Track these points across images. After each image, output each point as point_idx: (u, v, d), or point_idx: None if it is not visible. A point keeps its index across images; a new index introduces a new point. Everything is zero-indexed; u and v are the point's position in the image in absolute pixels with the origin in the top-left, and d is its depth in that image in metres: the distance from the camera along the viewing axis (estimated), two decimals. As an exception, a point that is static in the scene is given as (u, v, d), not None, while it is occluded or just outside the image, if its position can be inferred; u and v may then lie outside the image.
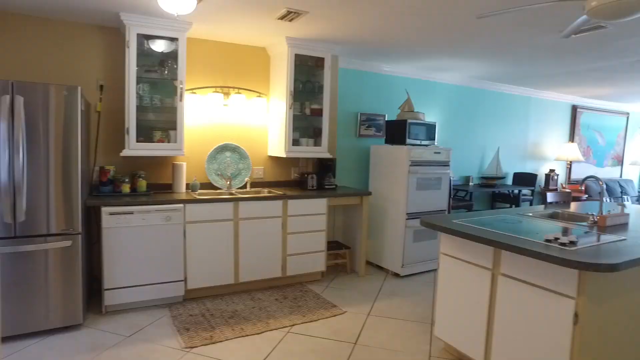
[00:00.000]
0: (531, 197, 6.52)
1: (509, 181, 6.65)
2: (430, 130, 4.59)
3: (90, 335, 2.89)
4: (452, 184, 5.42)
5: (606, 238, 2.28)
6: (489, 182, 6.06)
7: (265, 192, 4.17)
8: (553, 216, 3.15)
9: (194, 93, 4.02)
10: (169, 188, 3.96)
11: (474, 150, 6.21)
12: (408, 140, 4.40)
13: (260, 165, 4.45)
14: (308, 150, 4.25)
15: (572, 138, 7.54)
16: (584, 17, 2.42)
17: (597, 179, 2.86)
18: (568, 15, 3.03)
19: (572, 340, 1.95)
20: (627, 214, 2.81)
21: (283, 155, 4.11)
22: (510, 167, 6.67)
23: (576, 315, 1.93)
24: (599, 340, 2.03)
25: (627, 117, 8.41)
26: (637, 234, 2.43)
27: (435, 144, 4.88)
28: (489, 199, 6.39)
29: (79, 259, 2.93)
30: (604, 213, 2.73)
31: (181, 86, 3.60)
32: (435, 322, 2.77)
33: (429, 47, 4.18)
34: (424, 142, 4.52)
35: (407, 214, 4.26)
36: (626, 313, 2.17)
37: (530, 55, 4.35)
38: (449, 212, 5.03)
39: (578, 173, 7.68)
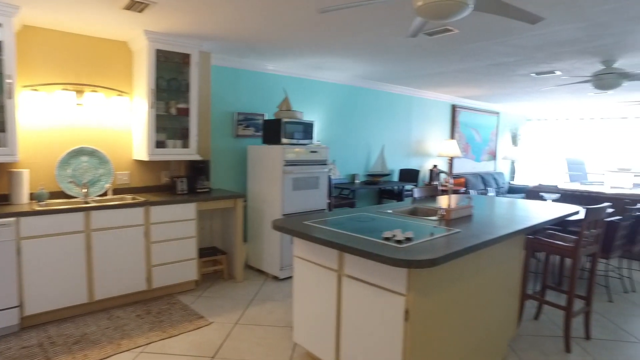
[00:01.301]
0: (415, 192, 6.86)
1: (395, 177, 6.94)
2: (307, 129, 4.55)
3: None
4: (332, 182, 5.48)
5: (444, 231, 2.37)
6: (374, 179, 6.25)
7: (129, 198, 3.81)
8: (412, 212, 3.26)
9: (36, 90, 3.52)
10: (5, 199, 3.42)
11: (360, 148, 6.36)
12: (284, 140, 4.31)
13: (125, 169, 4.06)
14: (175, 153, 3.97)
15: (452, 135, 8.10)
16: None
17: (445, 173, 3.00)
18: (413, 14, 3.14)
19: (404, 336, 1.97)
20: (471, 207, 2.99)
21: (146, 158, 3.79)
22: (395, 164, 6.96)
23: (407, 311, 1.95)
24: (429, 334, 2.08)
25: (498, 116, 9.28)
26: (476, 225, 2.57)
27: (318, 143, 4.87)
28: (376, 196, 6.59)
29: None
30: (451, 207, 2.86)
31: (10, 81, 3.11)
32: (294, 327, 2.70)
33: (302, 45, 4.13)
34: (301, 142, 4.47)
35: (283, 215, 4.18)
36: (454, 304, 2.27)
37: (401, 54, 4.51)
38: (330, 211, 5.06)
39: (459, 168, 8.29)
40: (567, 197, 5.35)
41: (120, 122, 4.01)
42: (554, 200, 4.70)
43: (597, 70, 4.50)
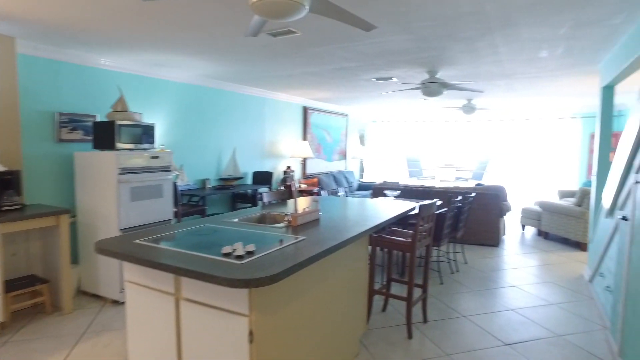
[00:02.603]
0: (271, 194, 6.81)
1: (249, 180, 6.79)
2: (147, 132, 4.09)
3: None
4: (179, 189, 5.08)
5: (289, 240, 2.29)
6: (227, 183, 6.00)
7: None
8: (260, 219, 3.14)
9: None
10: None
11: (210, 151, 6.04)
12: (119, 145, 3.79)
13: None
14: (-34, 163, 3.15)
15: (305, 136, 8.31)
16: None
17: (290, 175, 2.96)
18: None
19: (250, 359, 1.82)
20: (318, 210, 3.00)
21: None
22: (249, 167, 6.81)
23: (251, 333, 1.81)
24: (277, 351, 1.98)
25: (347, 118, 9.88)
26: (322, 230, 2.56)
27: (162, 147, 4.43)
28: (229, 200, 6.35)
29: None
30: (298, 212, 2.82)
31: None
32: (129, 362, 2.33)
33: (135, 38, 3.67)
34: (140, 146, 3.99)
35: (121, 230, 3.67)
36: (302, 315, 2.21)
37: (248, 55, 4.36)
38: (179, 221, 4.67)
39: (312, 168, 8.55)
40: (407, 192, 5.91)
41: None
42: (395, 197, 5.11)
43: (425, 79, 5.04)
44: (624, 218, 2.97)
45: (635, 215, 2.68)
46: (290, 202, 3.89)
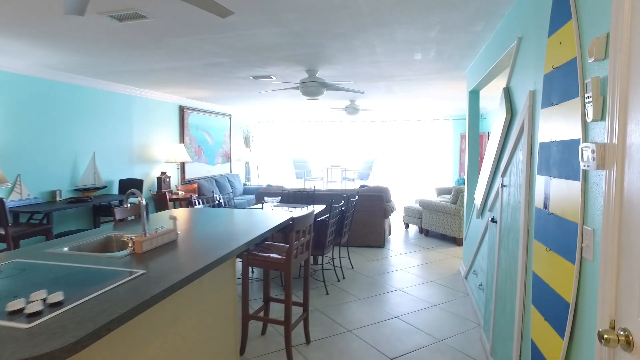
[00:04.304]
0: (142, 205, 6.00)
1: (115, 190, 5.90)
2: (-49, 136, 3.15)
3: None
4: (9, 206, 4.11)
5: (122, 277, 1.78)
6: (85, 194, 5.10)
7: None
8: (103, 246, 2.54)
9: None
10: None
11: (62, 158, 5.06)
12: None
13: None
14: None
15: (182, 139, 7.57)
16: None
17: (136, 196, 2.43)
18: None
19: None
20: (173, 230, 2.50)
21: None
22: (114, 174, 5.92)
23: None
24: None
25: (230, 118, 9.32)
26: (174, 257, 2.08)
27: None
28: (90, 214, 5.42)
29: None
30: (147, 234, 2.30)
31: None
32: None
33: None
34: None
35: None
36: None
37: (90, 42, 3.63)
38: (10, 246, 3.75)
39: (192, 173, 7.84)
40: (290, 197, 5.62)
41: None
42: (276, 204, 4.78)
43: (304, 78, 4.79)
44: (493, 220, 3.01)
45: (502, 218, 2.70)
46: (155, 217, 3.28)
